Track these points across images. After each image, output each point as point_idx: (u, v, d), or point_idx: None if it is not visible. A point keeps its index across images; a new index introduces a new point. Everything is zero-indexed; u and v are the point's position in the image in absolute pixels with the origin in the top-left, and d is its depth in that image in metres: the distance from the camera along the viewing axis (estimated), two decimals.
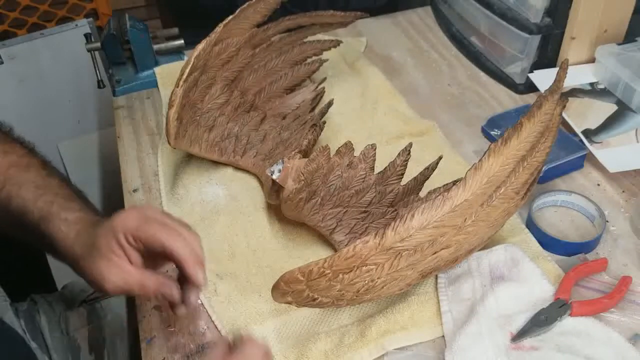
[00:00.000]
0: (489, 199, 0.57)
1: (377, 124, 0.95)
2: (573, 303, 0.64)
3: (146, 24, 1.06)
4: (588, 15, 0.92)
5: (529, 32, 0.95)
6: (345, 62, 1.09)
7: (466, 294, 0.66)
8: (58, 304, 0.87)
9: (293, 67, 0.94)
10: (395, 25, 1.22)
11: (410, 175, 0.73)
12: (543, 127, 0.61)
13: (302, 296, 0.57)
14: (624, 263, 0.72)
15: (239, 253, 0.75)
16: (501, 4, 0.99)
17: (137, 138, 0.96)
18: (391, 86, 1.03)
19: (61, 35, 1.47)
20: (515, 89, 1.02)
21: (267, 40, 0.91)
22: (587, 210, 0.77)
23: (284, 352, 0.64)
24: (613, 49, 0.92)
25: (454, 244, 0.58)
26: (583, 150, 0.83)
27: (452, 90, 1.04)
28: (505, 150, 0.58)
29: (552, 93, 0.63)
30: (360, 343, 0.63)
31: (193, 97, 0.82)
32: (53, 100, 1.50)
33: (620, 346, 0.61)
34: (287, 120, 0.90)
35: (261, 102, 0.91)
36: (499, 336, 0.62)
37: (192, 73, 0.78)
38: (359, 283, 0.56)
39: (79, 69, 1.49)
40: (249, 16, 0.85)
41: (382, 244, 0.54)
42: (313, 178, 0.72)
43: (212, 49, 0.82)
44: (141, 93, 1.06)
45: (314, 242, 0.77)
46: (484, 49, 1.08)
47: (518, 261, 0.68)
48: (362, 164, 0.74)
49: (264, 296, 0.70)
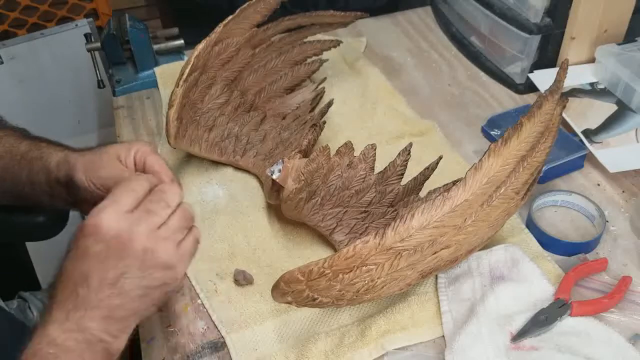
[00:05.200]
0: (489, 199, 0.57)
1: (377, 124, 0.95)
2: (573, 303, 0.64)
3: (146, 24, 1.06)
4: (588, 15, 0.92)
5: (529, 32, 0.95)
6: (345, 62, 1.09)
7: (466, 294, 0.66)
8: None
9: (293, 67, 0.94)
10: (395, 25, 1.22)
11: (410, 175, 0.73)
12: (543, 127, 0.61)
13: (302, 296, 0.57)
14: (624, 263, 0.72)
15: (239, 253, 0.75)
16: (501, 4, 0.99)
17: (137, 138, 0.96)
18: (391, 86, 1.03)
19: (61, 35, 1.47)
20: (515, 89, 1.02)
21: (267, 40, 0.91)
22: (587, 210, 0.77)
23: (284, 352, 0.64)
24: (613, 49, 0.92)
25: (454, 244, 0.58)
26: (583, 150, 0.83)
27: (452, 90, 1.04)
28: (505, 150, 0.58)
29: (552, 93, 0.63)
30: (360, 343, 0.63)
31: (193, 97, 0.82)
32: (53, 100, 1.50)
33: (620, 346, 0.61)
34: (287, 120, 0.90)
35: (261, 102, 0.91)
36: (499, 336, 0.62)
37: (192, 73, 0.78)
38: (359, 283, 0.56)
39: (79, 69, 1.49)
40: (249, 16, 0.85)
41: (382, 244, 0.54)
42: (313, 178, 0.72)
43: (212, 49, 0.82)
44: (141, 93, 1.06)
45: (314, 242, 0.77)
46: (484, 49, 1.08)
47: (518, 261, 0.68)
48: (362, 164, 0.74)
49: (264, 296, 0.70)
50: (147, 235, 0.50)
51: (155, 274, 0.51)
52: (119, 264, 0.49)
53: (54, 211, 0.80)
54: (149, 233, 0.50)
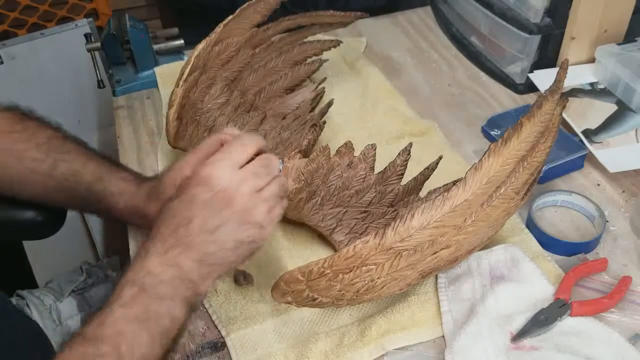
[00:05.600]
0: (489, 199, 0.57)
1: (377, 124, 0.95)
2: (573, 303, 0.64)
3: (146, 24, 1.06)
4: (588, 15, 0.92)
5: (529, 32, 0.95)
6: (345, 62, 1.09)
7: (466, 294, 0.66)
8: (47, 297, 0.89)
9: (293, 67, 0.94)
10: (395, 25, 1.22)
11: (410, 175, 0.73)
12: (543, 127, 0.61)
13: (302, 296, 0.57)
14: (624, 263, 0.72)
15: None
16: (501, 4, 0.99)
17: (137, 138, 0.96)
18: (391, 86, 1.03)
19: (61, 35, 1.47)
20: (515, 89, 1.02)
21: (267, 40, 0.91)
22: (587, 210, 0.77)
23: (284, 352, 0.64)
24: (613, 49, 0.92)
25: (454, 244, 0.58)
26: (583, 150, 0.83)
27: (452, 90, 1.04)
28: (505, 150, 0.58)
29: (552, 93, 0.63)
30: (360, 343, 0.63)
31: (193, 97, 0.82)
32: (53, 100, 1.50)
33: (620, 346, 0.61)
34: (287, 120, 0.90)
35: (261, 102, 0.91)
36: (499, 336, 0.62)
37: (192, 73, 0.78)
38: (359, 283, 0.56)
39: (79, 69, 1.49)
40: (249, 16, 0.85)
41: (382, 244, 0.54)
42: (313, 178, 0.72)
43: (212, 49, 0.82)
44: (141, 93, 1.06)
45: (314, 242, 0.77)
46: (484, 49, 1.08)
47: (518, 261, 0.68)
48: (362, 164, 0.74)
49: (264, 296, 0.70)
50: (250, 195, 0.55)
51: (248, 231, 0.56)
52: (220, 215, 0.54)
53: (52, 211, 0.80)
54: (251, 193, 0.56)
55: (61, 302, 0.89)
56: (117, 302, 0.50)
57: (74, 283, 0.93)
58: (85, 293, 0.92)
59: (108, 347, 0.47)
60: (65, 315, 0.88)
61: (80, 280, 0.94)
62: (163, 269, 0.52)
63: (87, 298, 0.90)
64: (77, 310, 0.88)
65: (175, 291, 0.52)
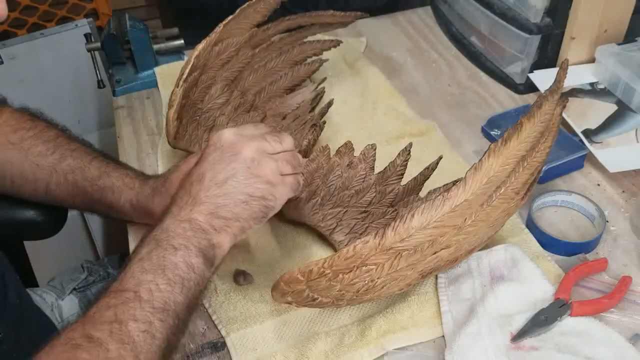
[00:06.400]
0: (489, 199, 0.57)
1: (377, 124, 0.95)
2: (573, 303, 0.64)
3: (146, 24, 1.06)
4: (588, 15, 0.92)
5: (529, 32, 0.95)
6: (345, 62, 1.09)
7: (466, 294, 0.66)
8: (49, 295, 0.90)
9: (293, 67, 0.94)
10: (395, 25, 1.22)
11: (410, 175, 0.73)
12: (543, 127, 0.61)
13: (302, 296, 0.57)
14: (624, 263, 0.72)
15: (238, 253, 0.75)
16: (501, 4, 0.99)
17: (137, 138, 0.96)
18: (391, 86, 1.03)
19: (61, 35, 1.47)
20: (515, 89, 1.02)
21: (267, 40, 0.91)
22: (587, 210, 0.77)
23: (284, 352, 0.64)
24: (613, 49, 0.92)
25: (454, 244, 0.58)
26: (583, 150, 0.83)
27: (452, 90, 1.04)
28: (505, 150, 0.58)
29: (552, 93, 0.63)
30: (360, 343, 0.63)
31: (193, 97, 0.82)
32: (53, 100, 1.50)
33: (620, 346, 0.61)
34: (287, 120, 0.90)
35: (261, 102, 0.91)
36: (499, 336, 0.62)
37: (192, 73, 0.78)
38: (359, 283, 0.56)
39: (79, 69, 1.49)
40: (249, 16, 0.85)
41: (382, 244, 0.54)
42: (313, 178, 0.72)
43: (212, 49, 0.82)
44: (141, 93, 1.06)
45: (314, 242, 0.77)
46: (484, 49, 1.08)
47: (518, 261, 0.68)
48: (362, 164, 0.74)
49: (264, 296, 0.70)
50: (257, 149, 0.59)
51: (257, 184, 0.58)
52: (228, 167, 0.58)
53: (53, 211, 0.80)
54: (258, 148, 0.59)
55: (63, 300, 0.90)
56: (135, 259, 0.54)
57: (75, 281, 0.94)
58: (87, 291, 0.93)
59: (130, 293, 0.51)
60: (67, 313, 0.89)
61: (82, 278, 0.94)
62: (176, 224, 0.56)
63: (88, 296, 0.91)
64: (78, 308, 0.89)
65: (189, 242, 0.55)
